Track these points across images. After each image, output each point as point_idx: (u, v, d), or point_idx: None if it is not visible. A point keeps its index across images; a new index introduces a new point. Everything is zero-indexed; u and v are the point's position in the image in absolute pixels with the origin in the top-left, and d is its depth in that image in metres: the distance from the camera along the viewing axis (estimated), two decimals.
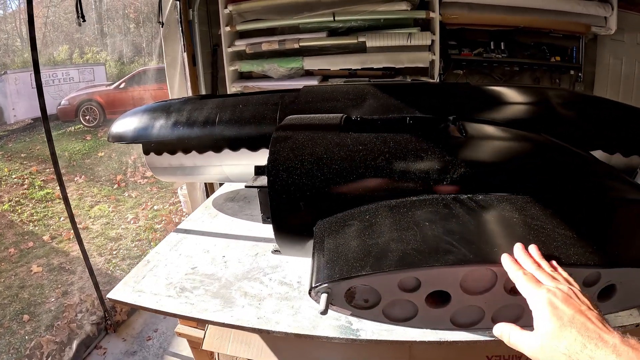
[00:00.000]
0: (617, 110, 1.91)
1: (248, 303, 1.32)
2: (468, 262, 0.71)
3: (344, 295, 0.77)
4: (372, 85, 1.64)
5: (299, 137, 0.97)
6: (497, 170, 0.97)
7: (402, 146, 0.90)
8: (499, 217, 0.83)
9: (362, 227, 0.82)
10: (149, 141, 1.85)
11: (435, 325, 0.81)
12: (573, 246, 0.79)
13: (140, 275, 1.51)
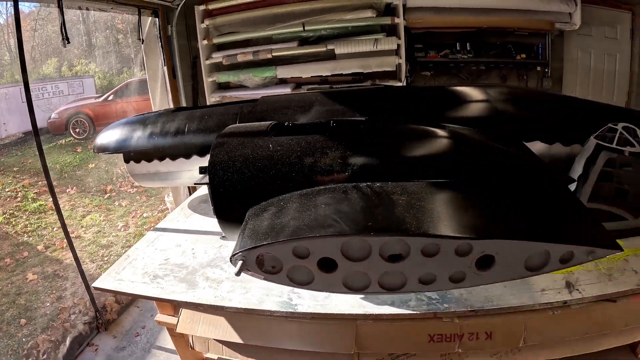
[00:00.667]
0: (558, 102, 2.22)
1: (209, 285, 1.64)
2: (344, 233, 1.02)
3: (255, 262, 1.07)
4: (321, 94, 1.97)
5: (232, 142, 1.29)
6: (396, 162, 1.29)
7: (312, 145, 1.22)
8: (387, 199, 1.14)
9: (275, 210, 1.13)
10: (128, 151, 2.21)
11: (331, 288, 1.11)
12: (444, 221, 1.09)
13: (120, 267, 1.84)
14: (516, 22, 3.46)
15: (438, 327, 1.65)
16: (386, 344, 1.70)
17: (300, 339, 1.74)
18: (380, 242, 0.95)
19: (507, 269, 1.03)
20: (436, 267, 0.99)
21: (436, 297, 1.47)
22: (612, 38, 4.07)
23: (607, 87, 4.14)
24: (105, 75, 9.29)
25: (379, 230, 0.94)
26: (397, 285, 1.03)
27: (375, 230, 0.94)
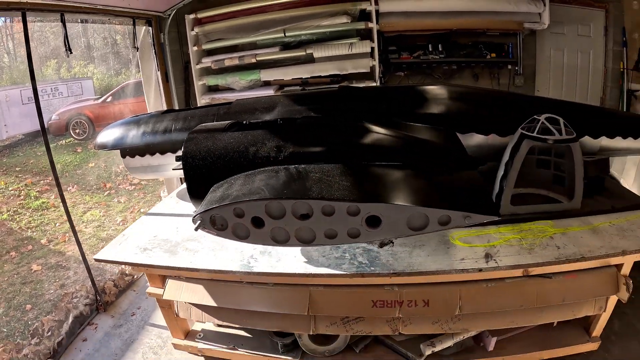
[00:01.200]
0: (499, 99, 2.66)
1: (186, 255, 2.13)
2: (265, 197, 1.48)
3: (210, 221, 1.55)
4: (284, 96, 2.46)
5: (199, 137, 1.77)
6: (318, 149, 1.76)
7: (256, 138, 1.69)
8: (305, 176, 1.60)
9: (227, 186, 1.59)
10: (124, 147, 2.71)
11: (263, 241, 1.57)
12: (339, 185, 1.54)
13: (117, 243, 2.34)
14: (485, 23, 3.91)
15: (380, 294, 2.11)
16: (336, 308, 2.16)
17: (264, 303, 2.22)
18: (291, 204, 1.42)
19: (393, 228, 1.49)
20: (336, 224, 1.45)
21: (365, 262, 1.91)
22: (585, 36, 4.49)
23: (581, 83, 4.56)
24: (103, 76, 9.92)
25: (290, 195, 1.41)
26: (309, 238, 1.50)
27: (287, 196, 1.41)
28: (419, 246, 1.99)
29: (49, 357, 2.94)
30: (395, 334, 2.24)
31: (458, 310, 2.09)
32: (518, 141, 2.12)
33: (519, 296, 2.15)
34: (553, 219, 2.24)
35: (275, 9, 3.76)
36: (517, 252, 1.98)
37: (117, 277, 3.75)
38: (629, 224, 2.20)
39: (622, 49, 4.35)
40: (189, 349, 2.76)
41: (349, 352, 2.50)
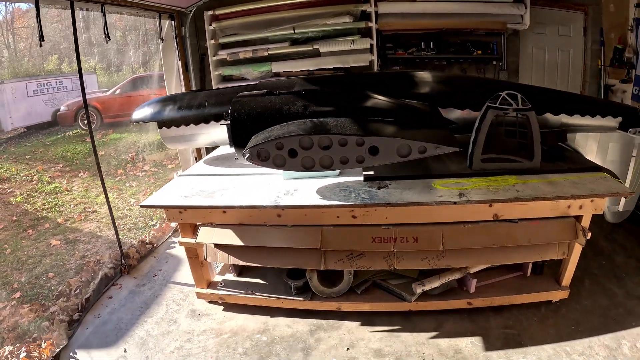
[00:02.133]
0: (470, 82, 3.42)
1: (220, 197, 2.84)
2: (298, 134, 2.23)
3: (256, 155, 2.28)
4: (301, 78, 3.24)
5: (243, 99, 2.51)
6: (333, 108, 2.53)
7: (287, 100, 2.44)
8: (325, 124, 2.36)
9: (267, 132, 2.34)
10: (162, 119, 3.45)
11: (296, 167, 2.30)
12: (350, 128, 2.30)
13: (159, 194, 3.05)
14: (472, 24, 4.74)
15: (378, 232, 2.84)
16: (343, 244, 2.89)
17: (284, 241, 2.94)
18: (317, 138, 2.18)
19: (387, 155, 2.28)
20: (347, 152, 2.20)
21: (367, 197, 2.64)
22: (565, 35, 5.35)
23: (561, 78, 5.40)
24: (104, 72, 10.72)
25: (315, 132, 2.17)
26: (329, 164, 2.25)
27: (314, 133, 2.17)
28: (408, 189, 2.72)
29: (77, 312, 3.57)
30: (390, 268, 2.95)
31: (442, 246, 2.80)
32: (484, 111, 2.85)
33: (491, 236, 2.86)
34: (518, 175, 2.93)
35: (285, 9, 4.58)
36: (484, 193, 2.69)
37: (138, 244, 4.44)
38: (581, 180, 2.87)
39: (600, 48, 5.20)
40: (211, 297, 3.44)
41: (352, 294, 3.21)
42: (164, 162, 7.41)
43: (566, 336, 2.95)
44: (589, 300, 3.29)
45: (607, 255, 3.97)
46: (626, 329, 3.00)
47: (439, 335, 3.01)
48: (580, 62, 5.33)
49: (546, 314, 3.17)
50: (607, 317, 3.11)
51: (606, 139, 3.68)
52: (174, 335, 3.17)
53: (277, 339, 3.04)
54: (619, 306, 3.22)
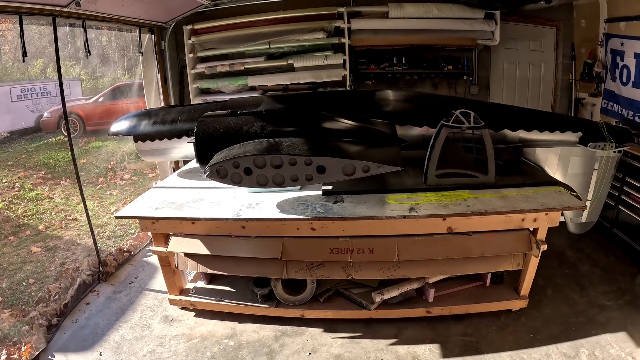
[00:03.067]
0: (428, 100, 3.70)
1: (188, 209, 3.12)
2: (253, 154, 2.51)
3: (215, 172, 2.56)
4: (267, 96, 3.53)
5: (207, 120, 2.79)
6: (289, 128, 2.82)
7: (247, 121, 2.73)
8: (279, 143, 2.64)
9: (227, 150, 2.62)
10: (137, 133, 3.72)
11: (251, 185, 2.58)
12: (300, 148, 2.58)
13: (132, 206, 3.32)
14: (444, 40, 5.05)
15: (336, 244, 3.11)
16: (303, 254, 3.14)
17: (248, 251, 3.20)
18: (269, 158, 2.46)
19: (334, 174, 2.55)
20: (297, 171, 2.48)
21: (322, 211, 2.91)
22: (537, 50, 5.68)
23: (533, 92, 5.73)
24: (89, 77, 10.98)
25: (268, 152, 2.45)
26: (281, 181, 2.53)
27: (267, 153, 2.45)
28: (362, 203, 2.99)
29: (55, 317, 3.79)
30: (348, 278, 3.22)
31: (396, 257, 3.05)
32: (438, 129, 3.11)
33: (446, 248, 3.10)
34: (472, 190, 3.17)
35: (262, 24, 4.89)
36: (435, 208, 2.93)
37: (116, 252, 4.70)
38: (534, 194, 3.10)
39: (571, 62, 5.53)
40: (182, 303, 3.69)
41: (315, 302, 3.47)
42: (145, 171, 7.66)
43: (524, 344, 3.14)
44: (550, 309, 3.50)
45: (572, 264, 4.21)
46: (586, 337, 3.18)
47: (398, 342, 3.22)
48: (551, 77, 5.65)
49: (506, 322, 3.37)
50: (567, 325, 3.30)
51: (567, 153, 3.88)
52: (147, 340, 3.41)
53: (243, 344, 3.28)
54: (580, 314, 3.42)
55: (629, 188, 4.18)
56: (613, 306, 3.53)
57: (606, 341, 3.13)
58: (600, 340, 3.15)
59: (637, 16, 4.38)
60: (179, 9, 4.81)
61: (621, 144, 3.53)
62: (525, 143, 3.70)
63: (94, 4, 3.93)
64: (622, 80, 4.74)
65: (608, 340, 3.14)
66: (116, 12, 4.28)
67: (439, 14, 4.85)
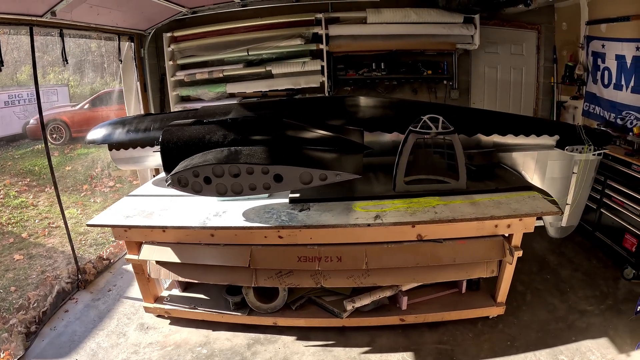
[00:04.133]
0: (399, 106, 3.75)
1: (158, 217, 3.18)
2: (211, 163, 2.56)
3: (177, 181, 2.62)
4: (237, 104, 3.58)
5: (172, 129, 2.86)
6: (251, 137, 2.87)
7: (210, 130, 2.79)
8: (239, 152, 2.68)
9: (189, 160, 2.68)
10: (112, 142, 3.78)
11: (211, 194, 2.64)
12: (258, 157, 2.63)
13: (105, 214, 3.38)
14: (422, 45, 5.11)
15: (304, 252, 3.14)
16: (271, 262, 3.19)
17: (217, 258, 3.25)
18: (227, 167, 2.51)
19: (291, 182, 2.59)
20: (255, 180, 2.54)
21: (286, 219, 2.97)
22: (518, 54, 5.74)
23: (514, 96, 5.78)
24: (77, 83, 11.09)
25: (226, 161, 2.51)
26: (239, 190, 2.59)
27: (224, 162, 2.51)
28: (328, 211, 3.04)
29: (34, 324, 3.85)
30: (317, 286, 3.25)
31: (365, 265, 3.07)
32: (406, 135, 3.14)
33: (415, 256, 3.11)
34: (443, 196, 3.18)
35: (240, 31, 4.97)
36: (401, 215, 2.94)
37: (95, 260, 4.76)
38: (507, 200, 3.10)
39: (553, 65, 5.60)
40: (157, 311, 3.74)
41: (287, 310, 3.51)
42: (129, 179, 7.70)
43: (501, 352, 3.16)
44: (529, 315, 3.52)
45: (553, 269, 4.25)
46: (565, 343, 3.19)
47: (371, 351, 3.25)
48: (533, 80, 5.71)
49: (482, 330, 3.40)
50: (546, 331, 3.32)
51: (544, 157, 3.91)
52: (122, 347, 3.46)
53: (216, 352, 3.32)
54: (559, 320, 3.44)
55: (610, 191, 4.23)
56: (594, 311, 3.56)
57: (587, 347, 3.15)
58: (580, 346, 3.17)
59: (617, 18, 4.45)
60: (158, 16, 4.88)
61: (600, 147, 3.55)
62: (500, 147, 3.71)
63: (69, 13, 4.00)
64: (603, 82, 4.81)
65: (589, 347, 3.15)
66: (93, 20, 4.35)
67: (417, 18, 4.91)
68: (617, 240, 4.15)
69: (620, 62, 4.45)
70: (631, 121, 4.33)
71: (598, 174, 4.02)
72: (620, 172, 4.09)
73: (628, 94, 4.39)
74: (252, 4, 4.87)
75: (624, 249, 4.04)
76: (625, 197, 4.04)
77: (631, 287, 3.85)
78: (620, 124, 4.46)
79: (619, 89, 4.54)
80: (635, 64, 4.24)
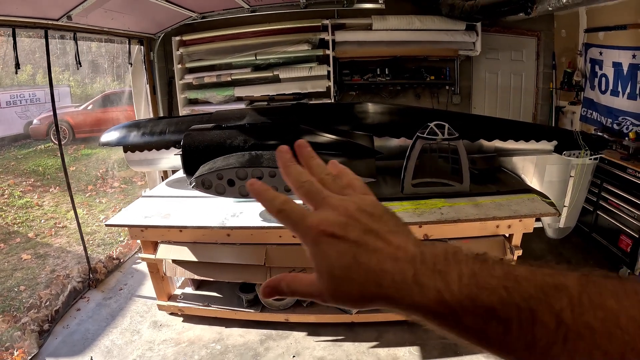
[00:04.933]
0: (405, 112, 3.94)
1: (176, 218, 3.34)
2: (235, 166, 2.73)
3: (201, 183, 2.78)
4: (251, 109, 3.75)
5: (193, 133, 3.02)
6: (270, 141, 3.05)
7: (231, 134, 2.95)
8: (260, 156, 2.86)
9: (212, 162, 2.83)
10: (127, 144, 3.93)
11: (234, 195, 2.81)
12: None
13: (122, 214, 3.53)
14: (426, 51, 5.30)
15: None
16: (286, 260, 3.35)
17: (233, 257, 3.42)
18: (250, 170, 2.68)
19: None
20: (276, 182, 2.71)
21: None
22: (518, 60, 5.94)
23: (514, 101, 5.98)
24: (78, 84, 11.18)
25: (249, 165, 2.68)
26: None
27: (248, 165, 2.68)
28: None
29: (47, 322, 3.99)
30: None
31: None
32: (414, 141, 3.33)
33: None
34: (448, 198, 3.35)
35: (248, 36, 5.13)
36: (410, 216, 3.11)
37: (105, 260, 4.89)
38: (508, 202, 3.27)
39: (552, 71, 5.80)
40: (170, 309, 3.89)
41: (298, 306, 3.67)
42: (134, 179, 7.84)
43: None
44: None
45: None
46: None
47: (379, 345, 3.41)
48: (532, 86, 5.91)
49: None
50: None
51: (543, 161, 4.06)
52: (136, 344, 3.59)
53: (230, 348, 3.47)
54: None
55: (606, 194, 4.41)
56: None
57: None
58: None
59: (615, 26, 4.64)
60: (168, 21, 5.03)
61: (596, 152, 3.73)
62: (501, 152, 3.90)
63: (85, 17, 4.14)
64: (600, 88, 5.00)
65: None
66: (106, 24, 4.49)
67: (421, 25, 5.09)
68: (613, 241, 4.33)
69: (617, 69, 4.64)
70: (627, 126, 4.52)
71: (594, 178, 4.21)
72: (616, 176, 4.26)
73: (624, 100, 4.58)
74: (260, 9, 5.03)
75: (620, 249, 4.23)
76: (620, 199, 4.22)
77: None
78: (617, 129, 4.65)
79: (615, 95, 4.73)
80: (631, 71, 4.43)
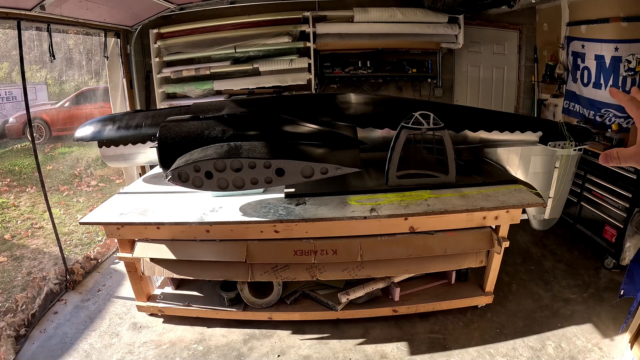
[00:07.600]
0: (389, 103, 3.84)
1: (153, 214, 3.17)
2: (212, 158, 2.59)
3: (177, 176, 2.63)
4: (230, 101, 3.61)
5: (170, 124, 2.86)
6: (250, 132, 2.91)
7: (208, 125, 2.81)
8: (239, 147, 2.71)
9: (189, 155, 2.69)
10: (101, 139, 3.76)
11: (212, 188, 2.65)
12: (260, 152, 2.67)
13: (98, 211, 3.36)
14: (407, 44, 5.22)
15: (300, 245, 3.18)
16: (267, 257, 3.21)
17: (212, 254, 3.26)
18: (229, 162, 2.54)
19: (293, 176, 2.63)
20: (257, 174, 2.57)
21: (284, 214, 3.01)
22: (500, 53, 5.90)
23: (496, 94, 5.95)
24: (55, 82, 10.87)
25: (228, 156, 2.53)
26: (241, 184, 2.62)
27: (226, 156, 2.54)
28: (324, 205, 3.08)
29: (23, 327, 3.81)
30: (313, 279, 3.31)
31: (360, 257, 3.13)
32: (399, 131, 3.22)
33: (408, 247, 3.18)
34: (433, 190, 3.28)
35: (227, 29, 4.98)
36: (395, 208, 3.02)
37: (83, 260, 4.70)
38: (494, 193, 3.21)
39: (534, 65, 5.77)
40: (150, 310, 3.72)
41: (282, 304, 3.55)
42: (112, 178, 7.62)
43: (490, 339, 3.27)
44: (515, 304, 3.65)
45: (537, 260, 4.39)
46: (551, 330, 3.33)
47: (366, 342, 3.32)
48: (514, 79, 5.88)
49: (472, 319, 3.51)
50: (533, 319, 3.45)
51: (528, 152, 4.00)
52: (116, 348, 3.43)
53: (212, 349, 3.33)
54: (545, 309, 3.58)
55: (590, 185, 4.38)
56: (577, 299, 3.71)
57: (572, 333, 3.28)
58: (566, 332, 3.31)
59: (597, 19, 4.61)
60: (145, 12, 4.85)
61: (581, 143, 3.69)
62: (486, 143, 3.83)
63: (58, 7, 3.95)
64: (583, 81, 4.98)
65: (574, 332, 3.29)
66: (81, 15, 4.30)
67: (403, 18, 5.00)
68: (598, 231, 4.31)
69: (600, 62, 4.62)
70: (610, 118, 4.50)
71: (578, 169, 4.17)
72: (600, 167, 4.23)
73: (607, 92, 4.54)
74: (239, 1, 4.90)
75: (604, 240, 4.20)
76: (604, 190, 4.19)
77: (612, 276, 4.02)
78: (600, 121, 4.62)
79: (598, 87, 4.71)
80: (613, 63, 4.40)
